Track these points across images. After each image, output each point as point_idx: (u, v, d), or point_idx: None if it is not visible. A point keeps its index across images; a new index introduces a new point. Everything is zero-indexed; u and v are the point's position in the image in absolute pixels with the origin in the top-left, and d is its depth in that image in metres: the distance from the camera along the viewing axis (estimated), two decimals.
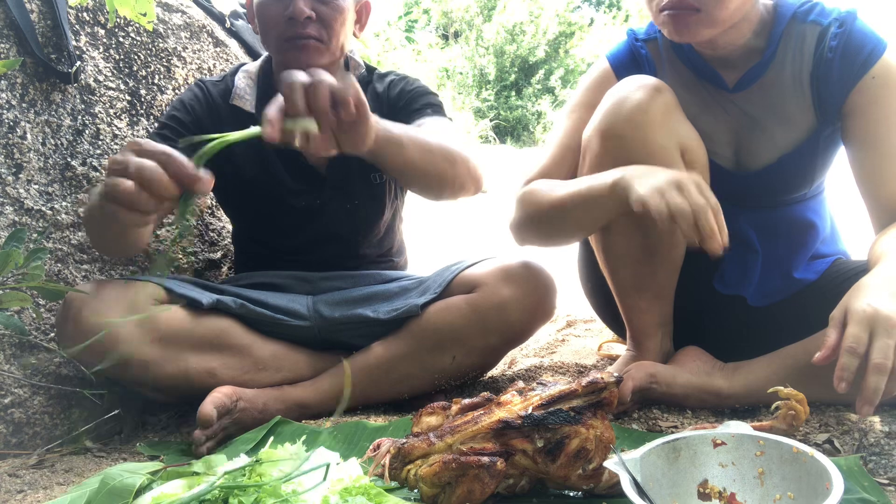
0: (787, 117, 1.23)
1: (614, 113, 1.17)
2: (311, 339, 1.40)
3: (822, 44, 1.18)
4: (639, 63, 1.32)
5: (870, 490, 0.86)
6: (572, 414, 0.85)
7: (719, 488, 0.82)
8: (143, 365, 1.27)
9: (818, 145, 1.23)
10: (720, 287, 1.34)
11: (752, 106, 1.24)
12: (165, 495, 0.86)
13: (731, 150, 1.28)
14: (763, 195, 1.29)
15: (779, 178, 1.26)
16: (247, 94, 1.44)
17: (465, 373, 1.37)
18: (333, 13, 1.35)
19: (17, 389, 1.35)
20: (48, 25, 1.45)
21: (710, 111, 1.27)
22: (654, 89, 1.16)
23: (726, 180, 1.26)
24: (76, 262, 1.48)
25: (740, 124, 1.26)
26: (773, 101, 1.23)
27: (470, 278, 1.34)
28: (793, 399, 0.97)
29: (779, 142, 1.24)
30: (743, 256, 1.32)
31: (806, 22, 1.21)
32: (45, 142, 1.44)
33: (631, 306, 1.32)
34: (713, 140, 1.26)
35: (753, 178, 1.27)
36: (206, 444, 1.20)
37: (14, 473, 1.20)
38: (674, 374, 1.24)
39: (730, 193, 1.24)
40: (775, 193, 1.29)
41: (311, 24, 1.33)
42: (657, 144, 1.16)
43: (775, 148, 1.24)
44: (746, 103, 1.24)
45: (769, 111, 1.23)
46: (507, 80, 10.50)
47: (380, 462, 0.90)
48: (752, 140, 1.26)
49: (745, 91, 1.24)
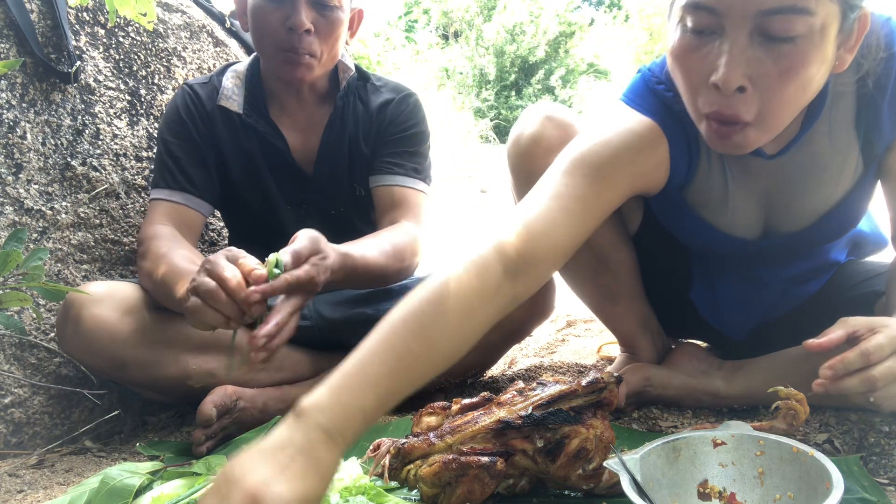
0: (830, 173, 1.04)
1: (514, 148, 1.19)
2: (312, 338, 1.40)
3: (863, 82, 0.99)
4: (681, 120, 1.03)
5: (870, 490, 0.86)
6: (572, 414, 0.85)
7: (719, 488, 0.82)
8: (144, 366, 1.27)
9: (864, 193, 1.08)
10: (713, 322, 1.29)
11: (791, 169, 1.05)
12: (165, 495, 0.86)
13: (760, 220, 1.11)
14: (791, 253, 1.16)
15: (815, 237, 1.11)
16: (234, 95, 1.44)
17: (465, 370, 1.38)
18: (331, 27, 1.33)
19: (17, 389, 1.35)
20: (48, 25, 1.45)
21: (741, 184, 1.08)
22: (547, 118, 1.15)
23: (747, 250, 1.13)
24: (76, 262, 1.48)
25: (775, 191, 1.08)
26: (816, 160, 1.04)
27: None
28: (792, 399, 0.97)
29: (819, 202, 1.07)
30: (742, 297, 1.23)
31: None
32: (45, 142, 1.44)
33: (609, 315, 1.33)
34: (739, 214, 1.10)
35: (783, 241, 1.11)
36: (206, 443, 1.20)
37: (14, 473, 1.20)
38: (669, 375, 1.24)
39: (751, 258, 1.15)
40: (807, 248, 1.15)
41: (308, 37, 1.31)
42: None
43: (813, 211, 1.08)
44: (783, 168, 1.05)
45: (810, 171, 1.04)
46: (507, 80, 10.50)
47: (380, 462, 0.90)
48: (788, 205, 1.09)
49: (785, 154, 1.02)
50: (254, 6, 1.34)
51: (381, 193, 1.43)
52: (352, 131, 1.47)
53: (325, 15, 1.32)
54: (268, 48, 1.36)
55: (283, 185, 1.47)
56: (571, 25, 10.87)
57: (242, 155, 1.44)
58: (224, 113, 1.43)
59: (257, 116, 1.44)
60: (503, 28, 10.54)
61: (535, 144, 1.14)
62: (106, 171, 1.54)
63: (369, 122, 1.47)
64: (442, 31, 11.52)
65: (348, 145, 1.46)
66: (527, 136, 1.16)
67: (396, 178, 1.43)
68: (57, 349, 1.39)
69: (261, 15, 1.33)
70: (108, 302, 1.25)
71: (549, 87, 10.38)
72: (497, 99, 10.29)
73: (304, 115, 1.47)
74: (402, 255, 1.30)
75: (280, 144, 1.44)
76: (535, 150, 1.14)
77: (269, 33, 1.33)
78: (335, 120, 1.45)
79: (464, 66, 10.64)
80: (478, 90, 10.39)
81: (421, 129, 1.49)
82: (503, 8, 10.75)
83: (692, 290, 1.26)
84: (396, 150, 1.45)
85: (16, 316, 1.36)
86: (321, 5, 1.31)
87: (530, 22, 10.61)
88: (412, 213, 1.40)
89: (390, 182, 1.43)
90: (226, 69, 1.48)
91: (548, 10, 10.71)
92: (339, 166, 1.47)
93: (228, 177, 1.46)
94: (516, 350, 1.87)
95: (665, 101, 1.04)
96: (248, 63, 1.48)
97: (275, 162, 1.45)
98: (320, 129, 1.46)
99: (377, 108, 1.47)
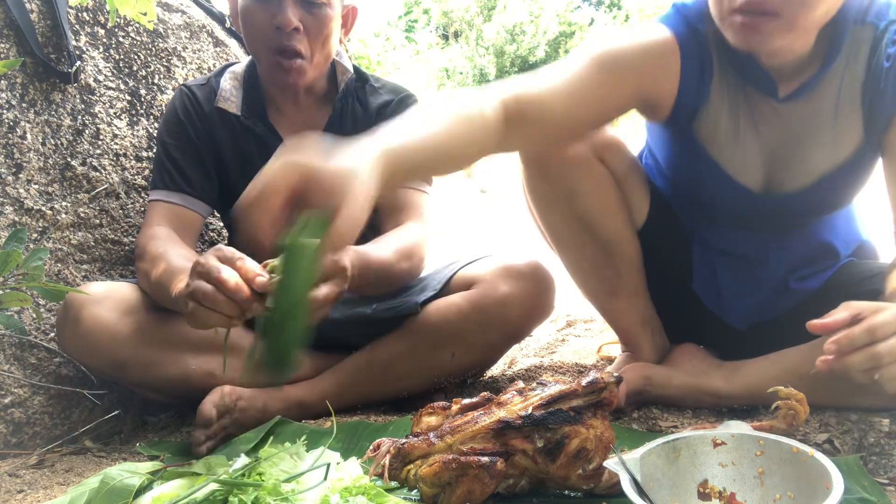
0: (832, 134, 1.09)
1: None
2: (311, 338, 1.40)
3: (877, 52, 1.04)
4: (701, 45, 1.10)
5: (870, 490, 0.86)
6: (572, 414, 0.85)
7: (719, 488, 0.82)
8: (144, 366, 1.27)
9: (862, 164, 1.11)
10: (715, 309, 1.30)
11: (798, 120, 1.10)
12: (165, 495, 0.86)
13: (764, 170, 1.14)
14: (790, 219, 1.18)
15: (814, 201, 1.15)
16: (232, 97, 1.44)
17: (465, 370, 1.38)
18: (320, 25, 1.33)
19: (17, 389, 1.35)
20: (48, 25, 1.45)
21: (750, 124, 1.12)
22: None
23: (751, 204, 1.15)
24: (76, 262, 1.48)
25: (780, 141, 1.12)
26: (821, 116, 1.08)
27: (469, 275, 1.35)
28: (792, 399, 0.97)
29: (819, 162, 1.11)
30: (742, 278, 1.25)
31: (863, 25, 1.05)
32: (45, 142, 1.44)
33: (610, 310, 1.33)
34: (746, 157, 1.13)
35: (783, 201, 1.15)
36: (206, 444, 1.19)
37: (14, 473, 1.20)
38: (669, 375, 1.24)
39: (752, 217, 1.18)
40: (805, 216, 1.18)
41: (298, 35, 1.31)
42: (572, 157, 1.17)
43: (815, 169, 1.11)
44: (792, 116, 1.10)
45: (814, 127, 1.09)
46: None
47: (380, 462, 0.90)
48: (789, 158, 1.12)
49: (794, 102, 1.08)
50: (243, 7, 1.34)
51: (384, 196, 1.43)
52: (351, 133, 1.46)
53: (313, 13, 1.32)
54: (259, 50, 1.36)
55: None
56: (571, 25, 10.88)
57: (241, 156, 1.44)
58: (222, 114, 1.43)
59: (255, 118, 1.44)
60: (503, 28, 10.54)
61: None
62: (106, 171, 1.54)
63: (369, 124, 1.47)
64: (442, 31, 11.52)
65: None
66: None
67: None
68: (57, 349, 1.39)
69: (249, 16, 1.33)
70: (107, 302, 1.25)
71: None
72: None
73: (303, 117, 1.47)
74: (411, 255, 1.31)
75: (278, 146, 1.43)
76: None
77: (259, 33, 1.33)
78: (334, 122, 1.45)
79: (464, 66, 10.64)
80: None
81: None
82: (503, 8, 10.75)
83: (694, 280, 1.28)
84: None
85: (16, 316, 1.36)
86: (309, 3, 1.31)
87: (530, 22, 10.61)
88: (417, 214, 1.40)
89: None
90: (224, 70, 1.48)
91: (548, 10, 10.72)
92: None
93: (227, 178, 1.46)
94: (516, 350, 1.87)
95: (690, 22, 1.10)
96: (246, 64, 1.48)
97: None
98: (319, 131, 1.45)
99: (376, 109, 1.47)
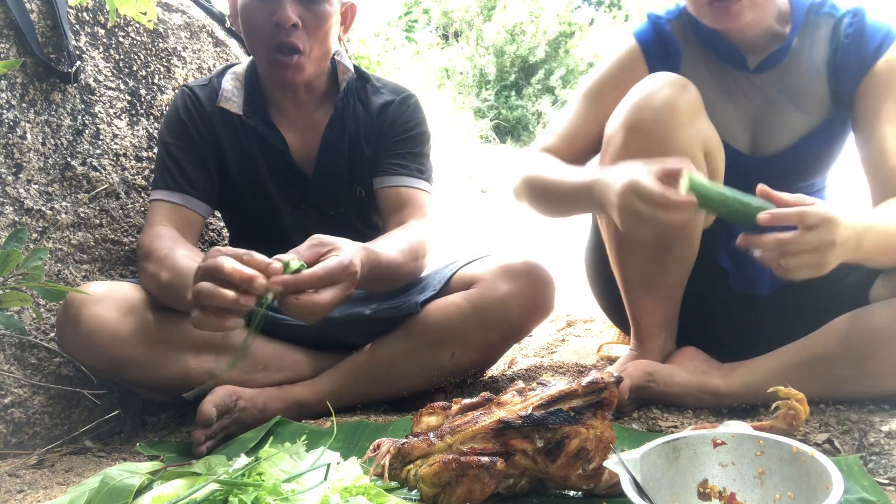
0: (804, 102, 1.27)
1: (641, 108, 1.16)
2: (311, 338, 1.40)
3: (836, 33, 1.25)
4: (665, 41, 1.33)
5: (870, 490, 0.86)
6: (572, 414, 0.85)
7: (719, 488, 0.82)
8: (144, 366, 1.27)
9: (833, 131, 1.28)
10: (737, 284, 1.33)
11: (772, 89, 1.28)
12: (165, 495, 0.86)
13: (749, 133, 1.30)
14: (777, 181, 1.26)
15: (794, 163, 1.29)
16: (234, 97, 1.44)
17: (465, 370, 1.38)
18: (319, 22, 1.33)
19: (17, 389, 1.35)
20: (48, 25, 1.45)
21: (731, 93, 1.30)
22: (682, 86, 1.17)
23: (742, 164, 1.28)
24: (76, 262, 1.48)
25: (759, 107, 1.29)
26: (792, 85, 1.27)
27: (469, 275, 1.35)
28: (792, 399, 0.97)
29: (796, 126, 1.28)
30: None
31: (820, 14, 1.27)
32: (45, 142, 1.44)
33: (638, 305, 1.31)
34: (731, 123, 1.29)
35: (769, 162, 1.29)
36: (206, 443, 1.19)
37: (14, 473, 1.20)
38: (671, 373, 1.24)
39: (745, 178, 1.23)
40: (789, 179, 1.29)
41: (297, 32, 1.31)
42: (682, 143, 1.15)
43: (793, 131, 1.28)
44: (766, 85, 1.28)
45: (788, 95, 1.27)
46: (507, 80, 10.49)
47: (380, 462, 0.90)
48: (770, 123, 1.29)
49: (766, 73, 1.27)
50: (242, 6, 1.34)
51: (387, 195, 1.43)
52: (352, 132, 1.47)
53: (311, 9, 1.32)
54: (259, 48, 1.36)
55: (282, 187, 1.47)
56: (571, 25, 10.87)
57: (242, 156, 1.44)
58: (224, 114, 1.43)
59: (257, 118, 1.44)
60: (503, 28, 10.53)
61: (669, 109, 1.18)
62: (106, 171, 1.54)
63: (370, 123, 1.47)
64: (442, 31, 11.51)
65: (349, 146, 1.46)
66: (662, 98, 1.18)
67: (402, 179, 1.43)
68: (57, 349, 1.39)
69: (249, 14, 1.33)
70: (107, 302, 1.25)
71: (550, 87, 10.37)
72: (497, 99, 10.28)
73: (304, 117, 1.47)
74: (416, 252, 1.31)
75: (280, 146, 1.44)
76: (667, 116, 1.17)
77: (258, 31, 1.33)
78: (335, 121, 1.45)
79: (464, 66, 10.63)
80: (478, 90, 10.38)
81: (423, 130, 1.49)
82: (503, 8, 10.75)
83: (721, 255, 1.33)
84: (400, 151, 1.45)
85: (16, 316, 1.36)
86: (307, 0, 1.31)
87: (530, 22, 10.60)
88: (420, 212, 1.40)
89: (396, 183, 1.43)
90: (225, 70, 1.48)
91: (548, 10, 10.70)
92: (339, 167, 1.47)
93: (228, 178, 1.46)
94: (516, 350, 1.87)
95: (656, 24, 1.34)
96: (248, 64, 1.48)
97: (275, 163, 1.45)
98: (320, 130, 1.46)
99: (378, 109, 1.47)
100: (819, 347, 1.14)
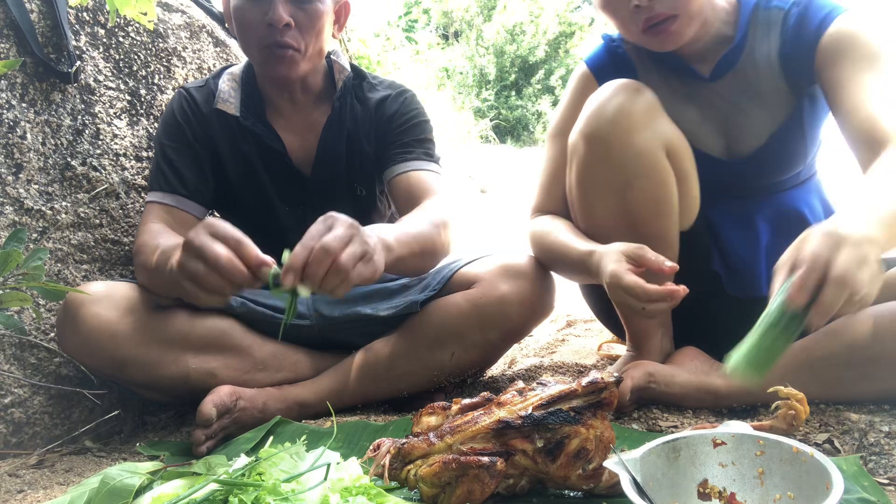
0: (766, 99, 1.27)
1: (597, 116, 1.19)
2: (312, 338, 1.40)
3: (785, 24, 1.24)
4: (618, 64, 1.35)
5: (870, 490, 0.86)
6: (572, 414, 0.85)
7: (719, 488, 0.82)
8: (144, 366, 1.27)
9: (802, 121, 1.27)
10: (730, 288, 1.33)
11: (732, 92, 1.28)
12: (165, 495, 0.86)
13: (720, 138, 1.30)
14: (756, 180, 1.31)
15: (771, 160, 1.29)
16: (231, 98, 1.44)
17: (465, 369, 1.38)
18: (312, 20, 1.33)
19: (17, 389, 1.35)
20: (48, 25, 1.45)
21: (694, 103, 1.30)
22: (635, 90, 1.19)
23: (720, 169, 1.29)
24: (76, 262, 1.48)
25: (724, 112, 1.29)
26: (751, 86, 1.27)
27: (469, 275, 1.35)
28: (793, 399, 0.97)
29: (764, 124, 1.27)
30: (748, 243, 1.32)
31: (770, 8, 1.26)
32: (45, 142, 1.44)
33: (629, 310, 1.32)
34: (701, 131, 1.30)
35: (746, 163, 1.29)
36: (206, 443, 1.20)
37: (14, 473, 1.20)
38: (672, 373, 1.24)
39: (725, 182, 1.29)
40: (768, 176, 1.31)
41: (290, 31, 1.31)
42: (640, 146, 1.18)
43: (762, 130, 1.28)
44: (726, 90, 1.28)
45: (748, 96, 1.27)
46: (507, 80, 10.50)
47: (380, 462, 0.90)
48: (738, 126, 1.29)
49: (722, 79, 1.28)
50: (235, 7, 1.34)
51: (400, 181, 1.42)
52: (351, 131, 1.47)
53: (303, 8, 1.32)
54: (252, 47, 1.36)
55: (281, 187, 1.47)
56: (571, 25, 10.87)
57: (240, 157, 1.45)
58: (221, 116, 1.43)
59: (254, 119, 1.44)
60: (503, 28, 10.54)
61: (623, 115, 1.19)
62: (106, 171, 1.54)
63: (369, 120, 1.47)
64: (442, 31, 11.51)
65: (347, 145, 1.46)
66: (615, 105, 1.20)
67: (410, 164, 1.43)
68: (57, 349, 1.39)
69: (242, 14, 1.33)
70: (107, 301, 1.26)
71: (549, 87, 10.38)
72: (497, 99, 10.29)
73: (301, 117, 1.47)
74: (444, 225, 1.29)
75: (277, 146, 1.44)
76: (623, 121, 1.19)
77: (251, 31, 1.33)
78: (333, 121, 1.45)
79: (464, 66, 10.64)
80: (478, 90, 10.39)
81: (423, 119, 1.50)
82: (503, 8, 10.75)
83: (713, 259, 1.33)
84: (404, 139, 1.45)
85: (16, 316, 1.36)
86: None
87: (530, 22, 10.61)
88: (434, 192, 1.38)
89: (405, 169, 1.42)
90: (222, 72, 1.48)
91: (548, 10, 10.71)
92: (338, 167, 1.47)
93: (226, 179, 1.46)
94: (516, 350, 1.87)
95: (610, 46, 1.37)
96: (244, 66, 1.49)
97: (272, 164, 1.45)
98: (318, 130, 1.46)
99: (375, 104, 1.48)
100: (819, 348, 1.14)
